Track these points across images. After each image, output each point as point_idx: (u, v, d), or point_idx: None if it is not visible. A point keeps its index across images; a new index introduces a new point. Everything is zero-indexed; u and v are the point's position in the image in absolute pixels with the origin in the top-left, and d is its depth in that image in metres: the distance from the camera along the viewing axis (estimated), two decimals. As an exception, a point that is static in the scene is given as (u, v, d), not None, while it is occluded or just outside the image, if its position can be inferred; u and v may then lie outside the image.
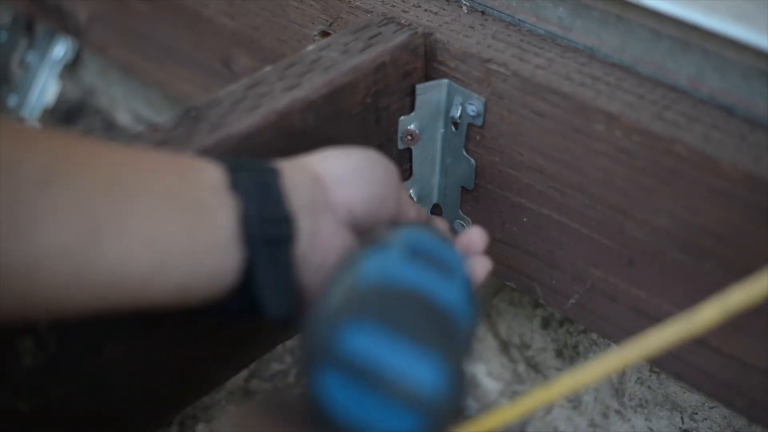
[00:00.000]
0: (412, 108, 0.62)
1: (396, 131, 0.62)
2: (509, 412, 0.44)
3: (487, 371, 0.91)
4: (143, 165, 0.43)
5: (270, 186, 0.46)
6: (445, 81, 0.61)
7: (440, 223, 0.59)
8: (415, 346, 0.38)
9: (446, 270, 0.43)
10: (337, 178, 0.50)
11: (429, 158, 0.65)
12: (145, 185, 0.42)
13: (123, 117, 1.28)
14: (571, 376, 0.43)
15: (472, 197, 0.65)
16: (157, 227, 0.42)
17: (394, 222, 0.52)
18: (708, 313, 0.41)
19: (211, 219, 0.43)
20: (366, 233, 0.50)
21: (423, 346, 0.38)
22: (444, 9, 0.65)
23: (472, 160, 0.63)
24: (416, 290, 0.40)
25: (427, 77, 0.62)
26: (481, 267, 0.53)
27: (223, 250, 0.44)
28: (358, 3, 0.67)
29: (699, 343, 0.56)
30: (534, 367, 0.87)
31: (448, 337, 0.39)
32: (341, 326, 0.38)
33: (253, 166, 0.47)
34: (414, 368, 0.37)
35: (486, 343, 0.90)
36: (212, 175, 0.45)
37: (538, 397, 0.44)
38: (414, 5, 0.66)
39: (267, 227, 0.45)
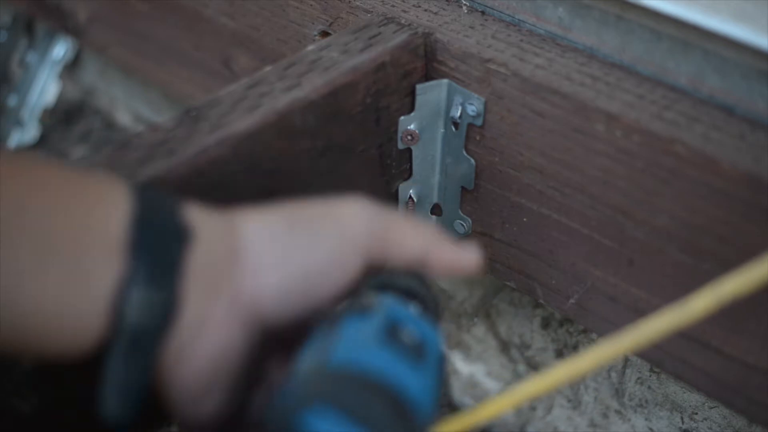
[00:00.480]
0: (412, 108, 0.62)
1: (396, 131, 0.62)
2: (504, 403, 0.44)
3: (487, 371, 0.91)
4: (36, 202, 0.38)
5: (171, 257, 0.40)
6: (445, 81, 0.61)
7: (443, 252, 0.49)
8: None
9: (419, 354, 0.43)
10: (260, 263, 0.43)
11: (429, 158, 0.65)
12: (25, 228, 0.37)
13: (123, 117, 1.28)
14: (567, 366, 0.43)
15: (472, 197, 0.65)
16: (23, 282, 0.37)
17: (386, 265, 0.48)
18: (701, 303, 0.41)
19: (86, 284, 0.38)
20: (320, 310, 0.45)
21: None
22: (444, 9, 0.65)
23: (472, 160, 0.63)
24: (384, 381, 0.40)
25: (427, 77, 0.62)
26: None
27: (86, 321, 0.39)
28: (358, 3, 0.67)
29: (700, 343, 0.56)
30: (534, 367, 0.87)
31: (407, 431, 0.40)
32: (304, 409, 0.38)
33: (168, 223, 0.41)
34: None
35: (486, 343, 0.90)
36: (114, 226, 0.39)
37: (533, 387, 0.44)
38: (414, 5, 0.66)
39: (145, 311, 0.39)
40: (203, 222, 0.42)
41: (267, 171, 0.54)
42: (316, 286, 0.44)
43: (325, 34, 0.71)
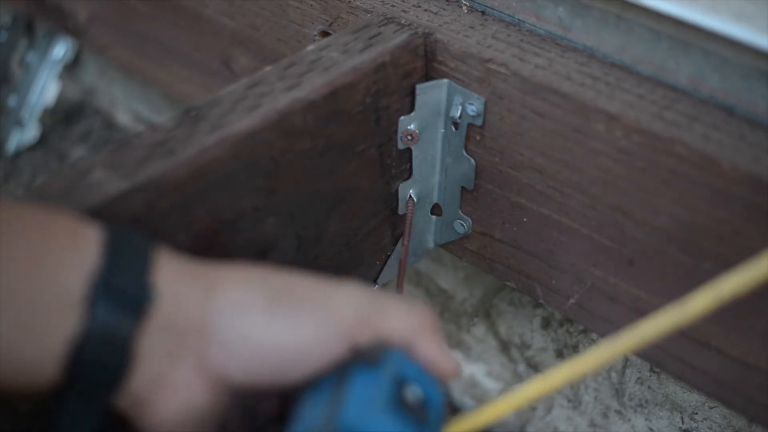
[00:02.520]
0: (412, 108, 0.62)
1: (396, 131, 0.62)
2: (505, 405, 0.44)
3: (487, 371, 0.91)
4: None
5: (128, 319, 0.40)
6: (445, 81, 0.61)
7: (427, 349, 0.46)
8: None
9: (423, 416, 0.43)
10: (229, 338, 0.42)
11: (429, 158, 0.65)
12: None
13: (123, 117, 1.28)
14: (568, 367, 0.43)
15: (472, 197, 0.65)
16: None
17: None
18: (700, 302, 0.41)
19: (39, 337, 0.39)
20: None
21: None
22: (444, 9, 0.65)
23: (472, 160, 0.63)
24: None
25: (427, 77, 0.62)
26: None
27: (39, 369, 0.39)
28: (358, 3, 0.67)
29: (700, 343, 0.56)
30: (534, 367, 0.87)
31: None
32: None
33: (131, 285, 0.41)
34: None
35: (486, 343, 0.90)
36: (75, 282, 0.40)
37: (534, 389, 0.44)
38: (414, 5, 0.66)
39: (97, 366, 0.40)
40: (173, 285, 0.42)
41: (267, 171, 0.54)
42: (292, 365, 0.42)
43: (325, 34, 0.71)
